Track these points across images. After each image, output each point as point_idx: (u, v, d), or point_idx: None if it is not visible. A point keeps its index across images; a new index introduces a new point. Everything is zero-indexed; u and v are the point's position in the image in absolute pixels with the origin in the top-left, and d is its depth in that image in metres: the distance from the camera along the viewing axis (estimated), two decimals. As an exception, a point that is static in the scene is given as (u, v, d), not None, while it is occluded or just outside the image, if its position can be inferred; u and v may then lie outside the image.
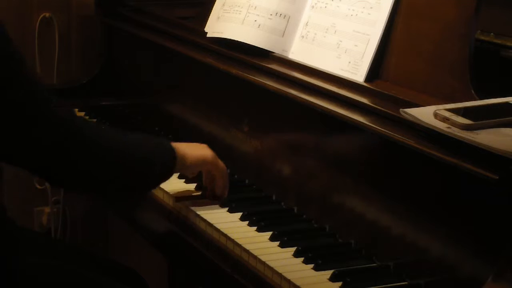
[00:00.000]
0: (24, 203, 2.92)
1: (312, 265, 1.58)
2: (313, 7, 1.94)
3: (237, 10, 2.04)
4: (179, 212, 1.86)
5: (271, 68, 1.92)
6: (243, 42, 2.00)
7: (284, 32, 1.97)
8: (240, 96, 2.02)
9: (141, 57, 2.50)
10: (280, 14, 1.98)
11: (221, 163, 1.86)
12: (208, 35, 2.11)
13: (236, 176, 2.00)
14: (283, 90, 1.84)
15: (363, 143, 1.66)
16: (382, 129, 1.58)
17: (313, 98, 1.76)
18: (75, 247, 2.15)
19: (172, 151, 1.78)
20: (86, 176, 1.68)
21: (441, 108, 1.49)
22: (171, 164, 1.77)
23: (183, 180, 1.98)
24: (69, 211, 2.98)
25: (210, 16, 2.14)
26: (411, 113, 1.51)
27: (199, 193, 1.90)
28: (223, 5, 2.09)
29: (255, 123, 1.97)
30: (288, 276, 1.53)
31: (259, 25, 1.99)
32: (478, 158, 1.38)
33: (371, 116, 1.63)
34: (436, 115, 1.48)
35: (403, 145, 1.53)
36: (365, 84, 1.75)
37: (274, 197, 1.89)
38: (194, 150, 1.84)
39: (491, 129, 1.44)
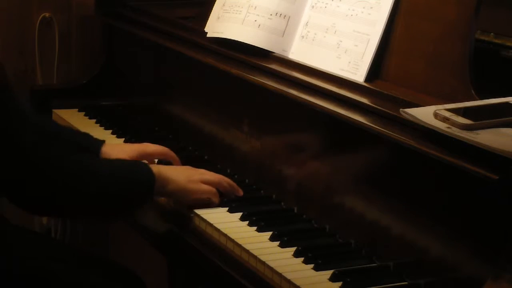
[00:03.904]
0: (24, 203, 2.91)
1: (312, 265, 1.58)
2: (313, 7, 1.94)
3: (237, 10, 2.04)
4: (179, 212, 1.86)
5: (271, 68, 1.92)
6: (243, 42, 2.00)
7: (284, 32, 1.97)
8: (240, 96, 2.02)
9: (141, 57, 2.50)
10: (280, 14, 1.98)
11: (204, 187, 1.83)
12: (208, 35, 2.11)
13: (236, 176, 2.00)
14: (283, 90, 1.84)
15: (363, 143, 1.66)
16: (382, 129, 1.58)
17: (313, 98, 1.76)
18: (74, 247, 2.15)
19: (150, 183, 1.75)
20: (60, 202, 1.67)
21: (441, 108, 1.49)
22: (148, 196, 1.76)
23: (183, 180, 1.98)
24: (69, 211, 2.98)
25: (210, 16, 2.13)
26: (411, 113, 1.51)
27: None
28: (223, 5, 2.09)
29: (255, 123, 1.97)
30: (288, 276, 1.53)
31: (259, 25, 1.99)
32: (478, 158, 1.38)
33: (371, 116, 1.63)
34: (436, 115, 1.48)
35: (403, 145, 1.53)
36: (365, 84, 1.75)
37: (274, 197, 1.89)
38: (177, 175, 1.81)
39: (491, 129, 1.44)
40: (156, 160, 2.04)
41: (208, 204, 1.84)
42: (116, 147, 2.01)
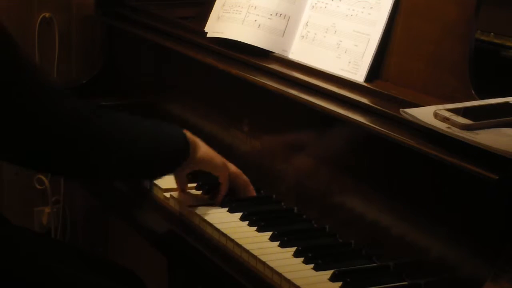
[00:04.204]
0: (24, 203, 2.92)
1: (312, 265, 1.58)
2: (313, 7, 1.94)
3: (237, 10, 2.04)
4: (179, 212, 1.86)
5: (271, 68, 1.92)
6: (243, 42, 2.00)
7: (284, 32, 1.97)
8: (240, 96, 2.02)
9: (141, 57, 2.50)
10: (280, 14, 1.98)
11: (231, 166, 1.86)
12: (208, 35, 2.11)
13: (236, 176, 2.00)
14: (283, 90, 1.84)
15: (363, 143, 1.66)
16: (382, 129, 1.58)
17: (313, 98, 1.76)
18: (74, 247, 2.15)
19: (186, 142, 1.77)
20: (93, 167, 1.69)
21: (441, 108, 1.49)
22: (183, 156, 1.78)
23: (183, 180, 1.98)
24: (69, 211, 2.98)
25: (210, 16, 2.13)
26: (411, 113, 1.51)
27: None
28: (223, 5, 2.09)
29: (255, 123, 1.97)
30: (288, 276, 1.53)
31: (259, 25, 1.99)
32: (478, 158, 1.38)
33: (371, 116, 1.63)
34: (436, 115, 1.48)
35: (403, 145, 1.53)
36: (365, 84, 1.75)
37: (274, 197, 1.89)
38: (207, 148, 1.84)
39: (491, 129, 1.44)
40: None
41: (210, 204, 1.84)
42: None
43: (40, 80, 1.63)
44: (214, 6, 2.13)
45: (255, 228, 1.74)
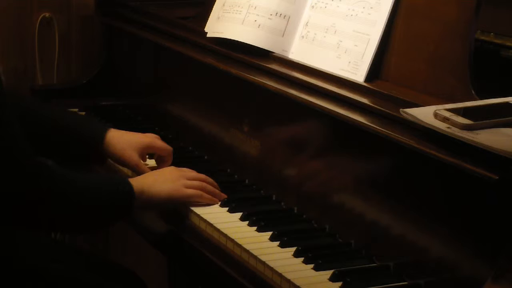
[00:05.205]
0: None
1: (312, 265, 1.58)
2: (313, 7, 1.94)
3: (237, 10, 2.04)
4: (179, 212, 1.86)
5: (271, 68, 1.92)
6: (243, 42, 2.00)
7: (284, 32, 1.97)
8: (240, 96, 2.02)
9: (141, 57, 2.50)
10: (280, 14, 1.98)
11: (188, 192, 1.82)
12: (208, 35, 2.11)
13: (236, 176, 2.00)
14: (283, 90, 1.84)
15: (363, 143, 1.66)
16: (382, 129, 1.58)
17: (313, 98, 1.76)
18: (74, 247, 2.15)
19: (131, 199, 1.75)
20: (47, 223, 1.69)
21: (441, 108, 1.49)
22: (129, 210, 1.76)
23: (183, 180, 1.98)
24: (69, 211, 2.97)
25: (210, 16, 2.14)
26: (411, 113, 1.51)
27: None
28: (223, 5, 2.09)
29: (255, 123, 1.97)
30: (288, 276, 1.53)
31: (259, 25, 1.99)
32: (478, 158, 1.38)
33: (371, 116, 1.63)
34: (436, 115, 1.48)
35: (403, 145, 1.53)
36: (365, 84, 1.75)
37: (274, 197, 1.89)
38: (160, 186, 1.80)
39: (491, 129, 1.44)
40: (147, 156, 2.04)
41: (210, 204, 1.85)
42: (121, 139, 1.96)
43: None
44: (214, 6, 2.13)
45: (255, 228, 1.74)
